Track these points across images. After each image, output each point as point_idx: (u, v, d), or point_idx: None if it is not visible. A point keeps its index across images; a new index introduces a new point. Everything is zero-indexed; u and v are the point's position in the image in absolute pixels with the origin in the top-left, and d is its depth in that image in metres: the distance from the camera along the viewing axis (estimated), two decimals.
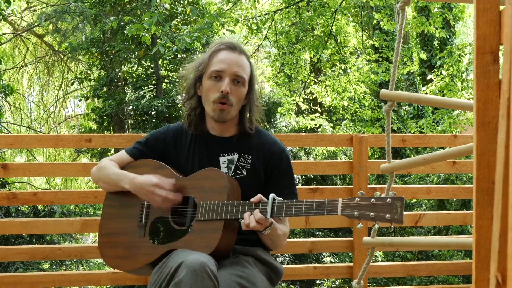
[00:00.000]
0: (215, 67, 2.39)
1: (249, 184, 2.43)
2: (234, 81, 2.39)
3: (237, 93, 2.40)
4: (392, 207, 2.07)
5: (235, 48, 2.43)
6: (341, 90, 11.55)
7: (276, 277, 2.45)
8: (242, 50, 2.46)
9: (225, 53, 2.41)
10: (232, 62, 2.39)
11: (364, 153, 3.40)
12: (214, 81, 2.39)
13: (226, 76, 2.37)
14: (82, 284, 3.38)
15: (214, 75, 2.39)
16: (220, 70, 2.38)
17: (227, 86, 2.36)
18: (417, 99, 2.34)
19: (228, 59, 2.39)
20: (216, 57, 2.41)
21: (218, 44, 2.46)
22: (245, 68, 2.43)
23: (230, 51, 2.42)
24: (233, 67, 2.38)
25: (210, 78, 2.40)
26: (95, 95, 11.65)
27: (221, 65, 2.38)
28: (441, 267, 3.54)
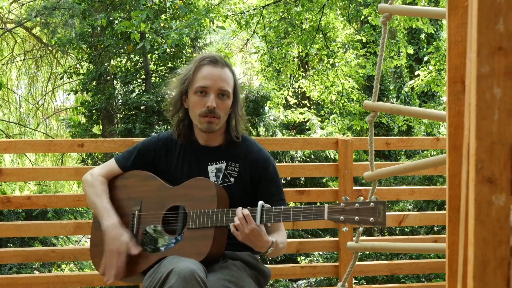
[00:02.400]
0: (200, 83, 2.45)
1: (237, 191, 2.52)
2: (219, 95, 2.45)
3: (223, 106, 2.47)
4: (375, 211, 2.19)
5: (218, 62, 2.49)
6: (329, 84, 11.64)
7: (264, 280, 2.54)
8: (224, 63, 2.52)
9: (209, 68, 2.47)
10: (216, 77, 2.45)
11: (350, 156, 3.50)
12: (200, 96, 2.45)
13: (211, 91, 2.44)
14: (75, 285, 3.46)
15: (200, 91, 2.45)
16: (205, 86, 2.44)
17: (213, 101, 2.42)
18: (398, 110, 2.44)
19: (212, 75, 2.45)
20: (200, 72, 2.47)
21: (201, 58, 2.51)
22: (229, 81, 2.49)
23: (213, 65, 2.47)
24: (218, 82, 2.44)
25: (195, 93, 2.46)
26: (84, 89, 11.66)
27: (206, 81, 2.44)
28: (424, 265, 3.66)
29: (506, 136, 0.84)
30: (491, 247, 0.86)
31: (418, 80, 10.79)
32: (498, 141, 0.84)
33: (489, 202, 0.85)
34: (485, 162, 0.85)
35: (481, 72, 0.83)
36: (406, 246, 2.57)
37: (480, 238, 0.86)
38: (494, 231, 0.85)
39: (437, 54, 10.50)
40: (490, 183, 0.85)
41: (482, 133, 0.84)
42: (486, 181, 0.85)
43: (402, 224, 3.64)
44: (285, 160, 8.97)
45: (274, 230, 2.53)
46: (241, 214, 2.25)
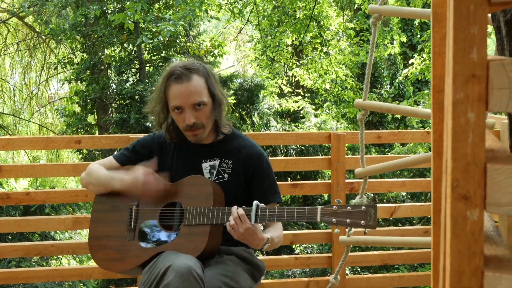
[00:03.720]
0: (173, 103, 2.49)
1: (231, 187, 2.59)
2: (194, 108, 2.48)
3: (203, 115, 2.50)
4: (367, 214, 2.26)
5: (181, 77, 2.47)
6: (323, 72, 11.69)
7: (258, 274, 2.62)
8: (190, 72, 2.50)
9: (176, 87, 2.47)
10: (185, 94, 2.46)
11: (342, 150, 3.57)
12: (177, 114, 2.50)
13: (185, 108, 2.47)
14: (74, 278, 3.55)
15: (176, 109, 2.49)
16: (178, 105, 2.48)
17: (190, 117, 2.46)
18: (388, 108, 2.51)
19: (180, 93, 2.46)
20: (170, 92, 2.49)
21: (167, 77, 2.51)
22: (200, 90, 2.49)
23: (178, 82, 2.47)
24: (188, 99, 2.46)
25: (173, 111, 2.51)
26: (78, 79, 11.67)
27: (177, 101, 2.47)
28: (415, 255, 3.75)
29: (480, 157, 0.91)
30: (466, 259, 0.93)
31: (412, 68, 10.84)
32: (472, 161, 0.91)
33: (464, 217, 0.92)
34: (461, 181, 0.92)
35: (456, 98, 0.90)
36: (397, 240, 2.65)
37: (455, 251, 0.93)
38: (469, 244, 0.93)
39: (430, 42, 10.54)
40: (465, 200, 0.92)
41: (458, 154, 0.91)
42: (461, 198, 0.92)
43: (394, 216, 3.73)
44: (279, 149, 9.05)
45: (270, 223, 2.61)
46: (236, 214, 2.32)
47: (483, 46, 0.89)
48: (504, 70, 0.87)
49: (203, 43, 11.50)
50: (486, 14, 0.88)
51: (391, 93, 13.52)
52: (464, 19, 0.88)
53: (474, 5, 0.88)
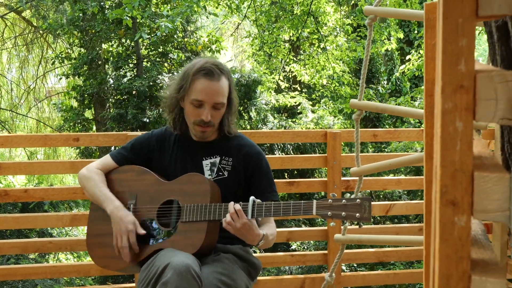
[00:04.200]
0: (195, 96, 2.52)
1: (231, 184, 2.62)
2: (214, 107, 2.53)
3: (218, 115, 2.57)
4: (361, 207, 2.30)
5: (214, 74, 2.52)
6: (320, 68, 11.71)
7: (254, 272, 2.66)
8: (221, 72, 2.56)
9: (205, 82, 2.51)
10: (212, 92, 2.51)
11: (338, 148, 3.60)
12: (195, 107, 2.53)
13: (206, 105, 2.52)
14: (72, 275, 3.58)
15: (195, 102, 2.53)
16: (201, 100, 2.51)
17: (208, 115, 2.51)
18: (383, 108, 2.54)
19: (208, 89, 2.50)
20: (196, 85, 2.52)
21: (198, 69, 2.54)
22: (224, 92, 2.55)
23: (209, 79, 2.51)
24: (213, 97, 2.51)
25: (191, 103, 2.54)
26: (75, 74, 11.67)
27: (202, 95, 2.50)
28: (410, 253, 3.79)
29: (467, 165, 0.94)
30: (454, 263, 0.96)
31: (408, 64, 10.87)
32: (460, 169, 0.94)
33: (452, 222, 0.96)
34: (449, 187, 0.95)
35: (445, 107, 0.93)
36: (391, 239, 2.69)
37: (444, 255, 0.97)
38: (456, 248, 0.96)
39: None
40: (453, 206, 0.95)
41: (446, 161, 0.94)
42: (450, 204, 0.95)
43: (389, 213, 3.77)
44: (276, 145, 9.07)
45: (264, 222, 2.65)
46: (233, 209, 2.36)
47: (471, 58, 0.92)
48: (491, 81, 0.90)
49: (201, 38, 11.51)
50: (474, 27, 0.91)
51: (388, 89, 13.54)
52: (452, 32, 0.91)
53: (463, 18, 0.91)
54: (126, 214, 2.51)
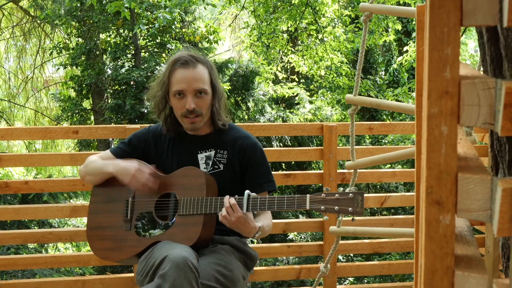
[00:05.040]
0: (175, 87, 2.58)
1: (227, 177, 2.68)
2: (196, 95, 2.58)
3: (203, 103, 2.60)
4: (354, 201, 2.35)
5: (188, 63, 2.59)
6: (318, 59, 11.73)
7: (251, 263, 2.72)
8: (196, 60, 2.62)
9: (181, 71, 2.58)
10: (190, 79, 2.56)
11: (334, 141, 3.66)
12: (178, 99, 2.59)
13: (187, 93, 2.57)
14: (72, 265, 3.63)
15: (177, 93, 2.58)
16: (181, 89, 2.57)
17: (191, 103, 2.56)
18: (377, 104, 2.60)
19: (185, 77, 2.57)
20: (174, 76, 2.59)
21: (173, 62, 2.62)
22: (204, 78, 2.60)
23: (185, 68, 2.58)
24: (192, 84, 2.56)
25: (174, 96, 2.60)
26: (73, 64, 11.68)
27: (181, 85, 2.57)
28: (404, 244, 3.85)
29: (452, 167, 0.99)
30: (439, 258, 1.02)
31: (406, 56, 10.90)
32: (444, 170, 0.99)
33: (437, 221, 1.01)
34: (434, 187, 1.00)
35: (431, 112, 0.98)
36: (385, 231, 2.75)
37: (429, 251, 1.02)
38: (441, 245, 1.01)
39: None
40: (438, 205, 1.00)
41: (432, 163, 1.00)
42: (435, 203, 1.01)
43: (384, 205, 3.83)
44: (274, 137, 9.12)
45: (260, 213, 2.70)
46: (228, 203, 2.41)
47: (455, 65, 0.96)
48: (474, 88, 0.95)
49: (199, 29, 11.51)
50: (459, 36, 0.96)
51: (385, 80, 13.58)
52: (438, 40, 0.96)
53: (448, 28, 0.95)
54: (127, 161, 2.61)
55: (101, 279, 3.64)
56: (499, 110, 0.91)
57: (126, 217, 2.64)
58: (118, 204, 2.67)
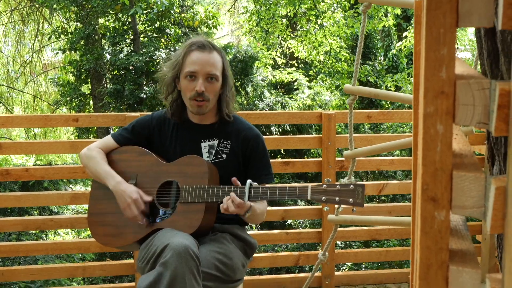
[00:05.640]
0: (188, 68, 2.61)
1: (229, 166, 2.70)
2: (207, 79, 2.61)
3: (212, 89, 2.63)
4: (355, 193, 2.37)
5: (205, 47, 2.63)
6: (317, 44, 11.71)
7: (250, 250, 2.75)
8: (212, 47, 2.66)
9: (197, 54, 2.62)
10: (204, 62, 2.60)
11: (333, 129, 3.68)
12: (189, 81, 2.61)
13: (199, 76, 2.60)
14: (73, 252, 3.67)
15: (189, 75, 2.61)
16: (194, 71, 2.60)
17: (201, 85, 2.58)
18: (376, 94, 2.61)
19: (200, 60, 2.60)
20: (189, 58, 2.62)
21: (190, 44, 2.66)
22: (217, 65, 2.64)
23: (200, 51, 2.62)
24: (205, 67, 2.60)
25: (185, 78, 2.62)
26: (72, 48, 11.65)
27: (194, 66, 2.60)
28: (402, 231, 3.89)
29: (447, 164, 1.01)
30: (434, 253, 1.04)
31: (405, 41, 10.89)
32: (440, 168, 1.02)
33: (432, 217, 1.04)
34: (430, 184, 1.03)
35: (427, 111, 1.00)
36: (383, 220, 2.78)
37: (424, 246, 1.05)
38: (436, 240, 1.04)
39: None
40: (434, 202, 1.03)
41: (427, 161, 1.02)
42: (430, 200, 1.03)
43: (382, 193, 3.86)
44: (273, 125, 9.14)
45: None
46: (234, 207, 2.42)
47: (451, 66, 0.98)
48: (469, 88, 0.97)
49: (198, 14, 11.48)
50: (455, 36, 0.98)
51: (384, 65, 13.56)
52: (434, 41, 0.98)
53: (444, 29, 0.97)
54: (128, 186, 2.60)
55: (101, 265, 3.68)
56: (493, 111, 0.93)
57: None
58: None
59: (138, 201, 2.56)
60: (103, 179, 2.67)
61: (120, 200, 2.59)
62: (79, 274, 3.68)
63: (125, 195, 2.57)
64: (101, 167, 2.70)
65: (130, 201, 2.55)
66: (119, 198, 2.60)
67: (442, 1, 0.96)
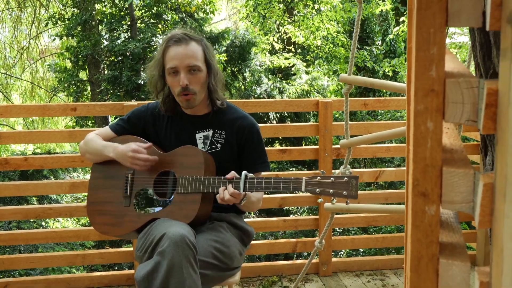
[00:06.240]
0: (169, 65, 2.62)
1: (224, 156, 2.72)
2: (189, 71, 2.61)
3: (196, 80, 2.63)
4: (348, 185, 2.39)
5: (181, 40, 2.63)
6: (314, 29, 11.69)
7: (247, 238, 2.79)
8: (189, 38, 2.65)
9: (174, 49, 2.62)
10: (182, 56, 2.60)
11: (329, 117, 3.70)
12: (173, 76, 2.62)
13: (180, 70, 2.60)
14: (73, 240, 3.71)
15: (171, 71, 2.62)
16: (174, 66, 2.60)
17: (184, 79, 2.59)
18: (371, 83, 2.63)
19: (178, 54, 2.60)
20: (168, 54, 2.63)
21: (167, 40, 2.66)
22: (197, 55, 2.63)
23: (177, 45, 2.62)
24: (184, 60, 2.60)
25: (169, 75, 2.64)
26: (69, 34, 11.63)
27: (173, 61, 2.60)
28: (398, 217, 3.93)
29: (437, 160, 1.04)
30: (424, 246, 1.07)
31: (403, 26, 10.87)
32: (430, 164, 1.04)
33: (422, 211, 1.06)
34: (420, 180, 1.05)
35: (417, 109, 1.03)
36: (378, 208, 2.81)
37: (415, 239, 1.08)
38: (427, 234, 1.07)
39: None
40: (424, 197, 1.06)
41: (418, 157, 1.05)
42: (421, 195, 1.06)
43: (379, 180, 3.90)
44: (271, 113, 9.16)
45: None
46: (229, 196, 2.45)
47: (441, 65, 1.01)
48: (458, 87, 0.99)
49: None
50: (444, 36, 1.00)
51: (382, 50, 13.53)
52: (425, 40, 1.00)
53: (434, 28, 0.99)
54: (125, 145, 2.64)
55: (100, 253, 3.72)
56: (481, 109, 0.95)
57: (126, 193, 2.69)
58: (118, 180, 2.72)
59: (138, 149, 2.59)
60: (102, 152, 2.71)
61: (123, 160, 2.63)
62: (79, 262, 3.72)
63: (125, 152, 2.61)
64: (98, 143, 2.75)
65: (131, 153, 2.59)
66: (122, 159, 2.63)
67: (432, 1, 0.98)
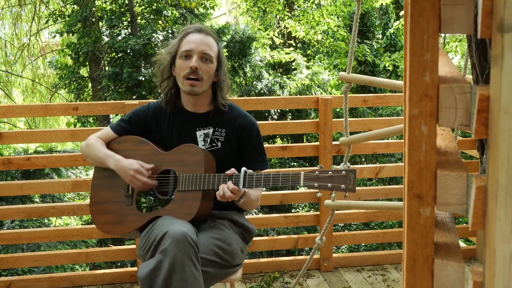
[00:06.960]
0: (184, 48, 2.68)
1: (224, 154, 2.75)
2: (202, 58, 2.67)
3: (206, 69, 2.68)
4: (346, 179, 2.42)
5: (202, 30, 2.72)
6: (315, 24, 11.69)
7: (249, 236, 2.81)
8: (209, 32, 2.74)
9: (193, 35, 2.70)
10: (199, 42, 2.67)
11: (329, 113, 3.73)
12: (184, 60, 2.67)
13: (194, 54, 2.66)
14: (76, 238, 3.73)
15: (184, 55, 2.67)
16: (189, 49, 2.66)
17: (195, 62, 2.64)
18: (370, 81, 2.65)
19: (196, 40, 2.68)
20: (185, 39, 2.70)
21: (187, 28, 2.75)
22: (212, 47, 2.71)
23: (197, 33, 2.71)
24: (200, 46, 2.67)
25: (181, 57, 2.68)
26: (69, 31, 11.64)
27: (190, 45, 2.67)
28: (398, 213, 3.95)
29: (431, 163, 1.06)
30: (420, 247, 1.10)
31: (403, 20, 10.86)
32: (425, 167, 1.07)
33: (418, 213, 1.09)
34: (415, 182, 1.08)
35: (412, 113, 1.05)
36: (378, 205, 2.84)
37: (411, 240, 1.10)
38: (422, 235, 1.09)
39: None
40: (419, 199, 1.08)
41: (413, 160, 1.07)
42: (416, 197, 1.08)
43: (379, 176, 3.92)
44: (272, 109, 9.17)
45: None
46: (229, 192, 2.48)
47: (434, 70, 1.03)
48: (452, 92, 1.02)
49: None
50: (438, 42, 1.02)
51: (382, 44, 13.53)
52: (418, 46, 1.03)
53: (427, 35, 1.01)
54: (127, 161, 2.67)
55: (103, 251, 3.75)
56: (474, 114, 0.97)
57: (128, 192, 2.72)
58: (119, 180, 2.75)
59: (140, 170, 2.62)
60: (104, 161, 2.74)
61: (124, 176, 2.65)
62: (82, 260, 3.76)
63: (126, 169, 2.63)
64: (100, 151, 2.77)
65: (133, 172, 2.61)
66: (122, 174, 2.66)
67: (425, 8, 1.01)
